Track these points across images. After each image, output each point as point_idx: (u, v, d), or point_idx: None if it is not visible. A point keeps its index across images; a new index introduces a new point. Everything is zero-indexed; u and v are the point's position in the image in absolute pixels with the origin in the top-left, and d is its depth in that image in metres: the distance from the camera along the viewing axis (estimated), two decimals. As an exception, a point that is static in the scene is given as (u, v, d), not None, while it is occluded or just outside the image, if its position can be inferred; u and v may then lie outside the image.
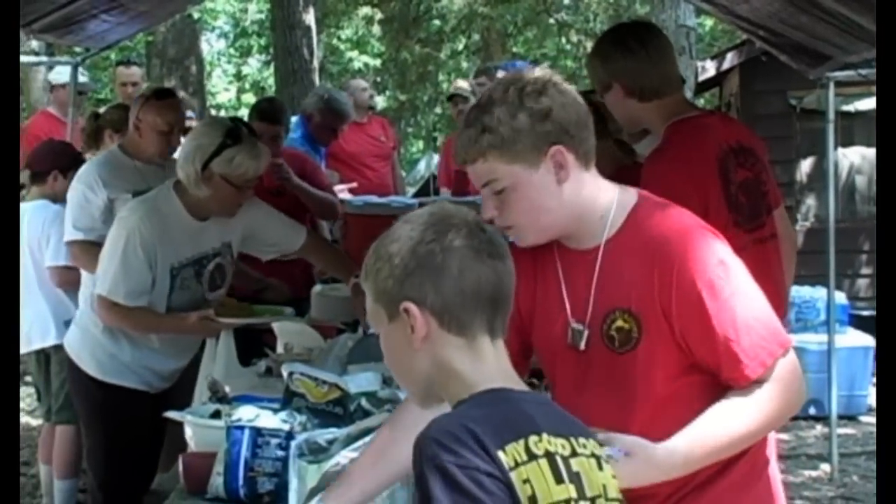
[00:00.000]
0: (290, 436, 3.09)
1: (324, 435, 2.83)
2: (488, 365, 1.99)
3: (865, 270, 11.29)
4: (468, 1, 19.31)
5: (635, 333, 2.44)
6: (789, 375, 2.41)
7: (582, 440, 1.95)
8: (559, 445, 1.90)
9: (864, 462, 7.72)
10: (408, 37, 21.05)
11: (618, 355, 2.47)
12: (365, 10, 20.74)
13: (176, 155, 5.10)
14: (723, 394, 2.42)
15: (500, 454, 1.83)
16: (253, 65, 25.81)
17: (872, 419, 8.68)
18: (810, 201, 11.27)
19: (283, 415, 3.27)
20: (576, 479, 1.89)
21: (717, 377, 2.42)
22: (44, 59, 11.85)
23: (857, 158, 11.40)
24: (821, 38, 5.38)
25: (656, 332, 2.41)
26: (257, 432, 3.12)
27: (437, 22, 21.10)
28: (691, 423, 2.39)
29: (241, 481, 3.09)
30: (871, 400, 8.88)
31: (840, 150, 10.78)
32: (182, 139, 5.28)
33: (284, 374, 3.47)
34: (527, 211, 2.45)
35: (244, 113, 12.29)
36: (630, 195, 2.53)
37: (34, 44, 9.03)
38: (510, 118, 2.37)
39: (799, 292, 8.22)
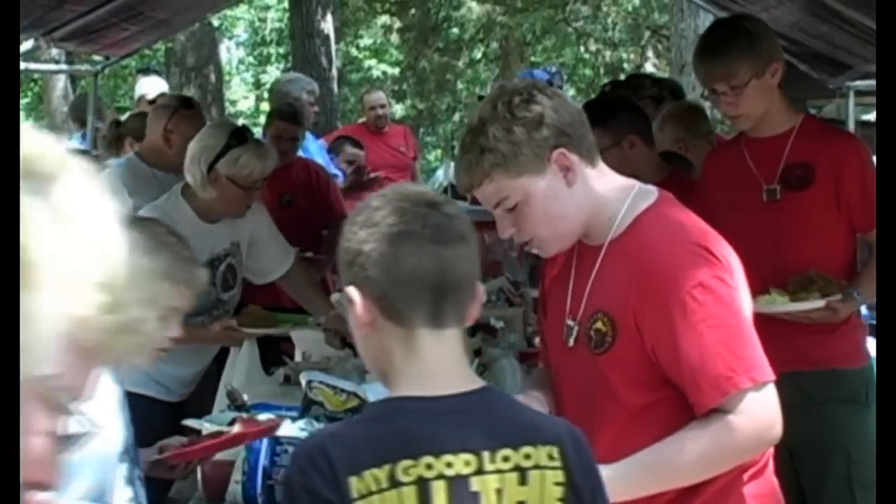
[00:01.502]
0: (308, 444, 3.10)
1: (342, 444, 2.83)
2: (423, 361, 1.93)
3: (885, 280, 11.23)
4: (486, 10, 19.32)
5: (609, 337, 2.42)
6: (757, 410, 2.32)
7: (504, 452, 1.87)
8: (459, 464, 1.84)
9: None
10: (426, 45, 21.06)
11: (593, 356, 2.46)
12: (384, 19, 20.76)
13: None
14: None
15: (352, 480, 1.81)
16: (272, 73, 25.84)
17: None
18: (830, 211, 11.23)
19: (301, 423, 3.28)
20: (469, 500, 1.84)
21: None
22: (63, 67, 11.91)
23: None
24: (841, 47, 5.37)
25: (628, 340, 2.39)
26: (276, 441, 3.12)
27: (455, 30, 21.09)
28: (645, 449, 2.36)
29: (259, 489, 3.09)
30: None
31: (860, 159, 10.74)
32: None
33: (303, 382, 3.48)
34: (543, 221, 2.45)
35: (263, 121, 12.38)
36: (648, 197, 2.50)
37: (54, 52, 9.08)
38: (506, 133, 2.36)
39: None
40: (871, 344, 9.10)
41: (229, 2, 9.30)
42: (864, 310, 9.14)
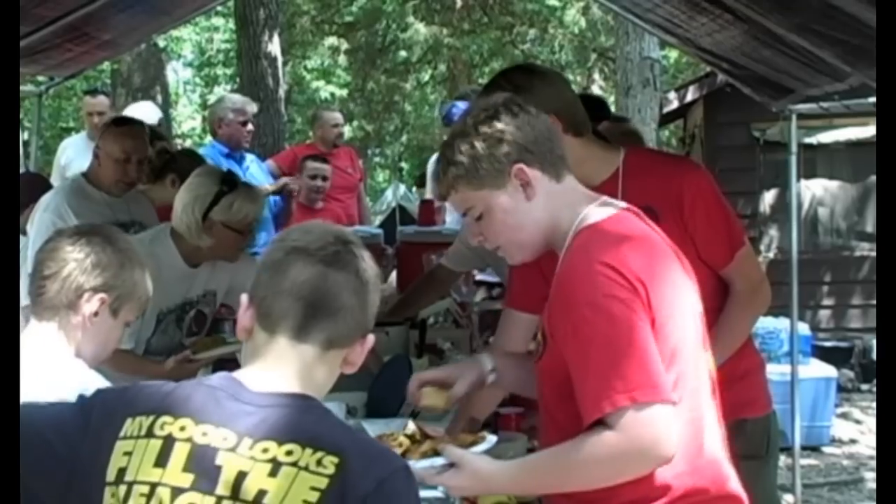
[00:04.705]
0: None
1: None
2: (266, 363, 2.06)
3: (827, 301, 11.37)
4: (434, 32, 19.38)
5: (541, 347, 2.52)
6: (635, 430, 2.30)
7: (265, 444, 1.94)
8: (215, 437, 1.95)
9: (826, 493, 7.75)
10: (374, 67, 21.11)
11: (535, 365, 2.57)
12: (331, 41, 20.78)
13: (140, 187, 5.07)
14: None
15: (127, 421, 1.99)
16: (219, 94, 25.81)
17: (835, 450, 8.73)
18: (773, 232, 11.35)
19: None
20: (208, 471, 1.92)
21: None
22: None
23: (819, 190, 11.50)
24: (783, 71, 5.43)
25: (551, 349, 2.46)
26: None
27: (403, 53, 21.15)
28: (537, 452, 2.47)
29: None
30: (834, 430, 8.94)
31: (803, 181, 10.87)
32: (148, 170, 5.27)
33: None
34: (503, 232, 2.59)
35: (209, 141, 12.36)
36: (597, 213, 2.53)
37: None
38: (469, 147, 2.52)
39: (762, 323, 8.25)
40: (816, 367, 9.13)
41: (175, 22, 9.24)
42: (806, 330, 9.18)
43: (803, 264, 7.40)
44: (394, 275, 6.39)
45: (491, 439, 2.64)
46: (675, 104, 12.18)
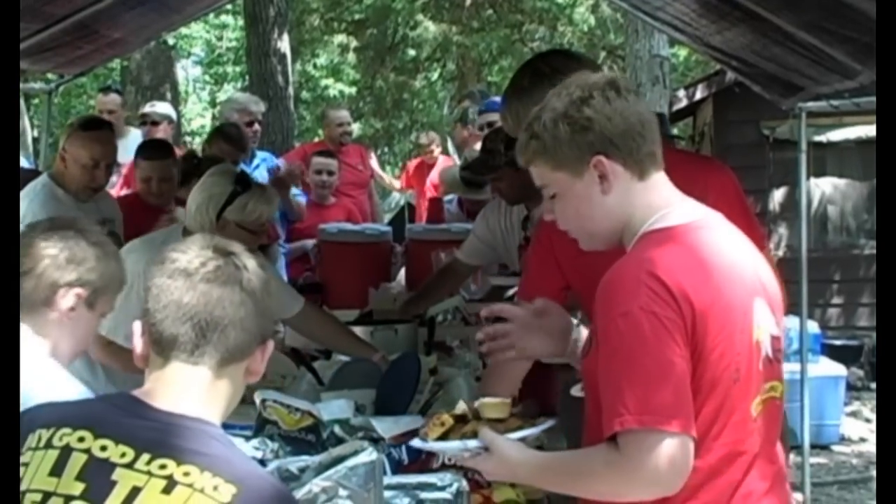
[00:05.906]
0: (262, 463, 3.08)
1: (296, 463, 2.82)
2: (166, 386, 2.06)
3: (837, 300, 11.35)
4: (443, 30, 19.37)
5: (587, 345, 2.47)
6: (638, 455, 2.20)
7: (164, 461, 1.94)
8: (114, 453, 1.95)
9: (836, 491, 7.74)
10: (383, 65, 21.10)
11: (581, 361, 2.52)
12: (340, 38, 20.77)
13: (111, 189, 5.01)
14: None
15: (28, 437, 2.02)
16: (229, 92, 25.81)
17: (844, 448, 8.71)
18: (782, 231, 11.33)
19: (255, 442, 3.26)
20: (101, 484, 1.92)
21: None
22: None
23: (828, 188, 11.49)
24: (793, 69, 5.42)
25: (595, 349, 2.36)
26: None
27: (412, 51, 21.14)
28: (560, 451, 2.46)
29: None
30: (843, 429, 8.93)
31: (812, 179, 10.85)
32: (114, 176, 5.22)
33: (257, 401, 3.46)
34: (574, 218, 2.48)
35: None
36: (671, 218, 2.41)
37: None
38: (553, 126, 2.40)
39: (771, 321, 8.23)
40: (826, 366, 9.11)
41: (185, 20, 9.26)
42: (816, 329, 9.16)
43: (812, 262, 7.39)
44: (402, 272, 6.39)
45: (539, 425, 2.57)
46: (684, 102, 12.16)
